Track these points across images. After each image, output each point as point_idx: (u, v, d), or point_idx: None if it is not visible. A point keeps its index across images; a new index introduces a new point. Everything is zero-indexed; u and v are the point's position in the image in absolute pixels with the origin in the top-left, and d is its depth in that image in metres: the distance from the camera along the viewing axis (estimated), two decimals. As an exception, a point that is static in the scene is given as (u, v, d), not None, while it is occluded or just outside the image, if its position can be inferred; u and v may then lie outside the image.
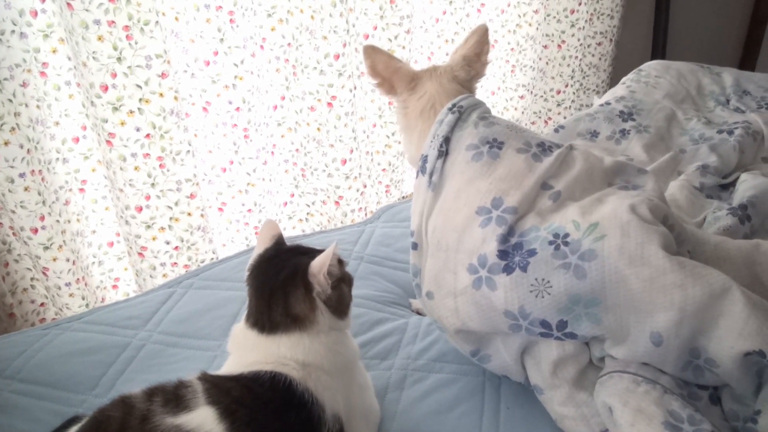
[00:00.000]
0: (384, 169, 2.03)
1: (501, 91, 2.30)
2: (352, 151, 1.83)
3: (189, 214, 1.59)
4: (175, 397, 0.70)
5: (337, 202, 1.89)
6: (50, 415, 0.86)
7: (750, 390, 0.70)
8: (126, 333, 1.02)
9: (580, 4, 2.25)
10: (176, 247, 1.62)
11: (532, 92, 2.33)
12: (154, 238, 1.59)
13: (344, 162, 1.83)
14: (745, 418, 0.71)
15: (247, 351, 0.78)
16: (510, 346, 0.83)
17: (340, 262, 0.84)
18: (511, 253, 0.78)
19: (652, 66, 1.79)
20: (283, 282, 0.78)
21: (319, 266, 0.76)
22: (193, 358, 0.96)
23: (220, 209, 1.79)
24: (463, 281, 0.81)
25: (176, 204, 1.57)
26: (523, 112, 2.34)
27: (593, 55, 2.42)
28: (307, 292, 0.77)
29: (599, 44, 2.41)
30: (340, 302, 0.80)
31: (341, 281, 0.82)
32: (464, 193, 0.84)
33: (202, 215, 1.62)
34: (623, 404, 0.70)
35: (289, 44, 1.67)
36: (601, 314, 0.74)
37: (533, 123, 2.46)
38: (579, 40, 2.32)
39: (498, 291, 0.77)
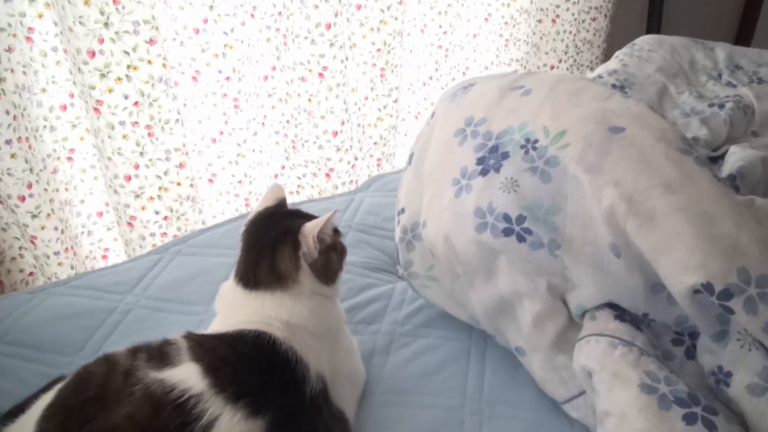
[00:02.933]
0: (375, 143, 2.02)
1: (494, 66, 2.28)
2: (343, 123, 1.81)
3: (178, 183, 1.58)
4: (159, 353, 0.70)
5: (328, 175, 1.88)
6: (36, 376, 0.86)
7: (711, 333, 0.70)
8: (113, 298, 1.02)
9: (575, -22, 2.23)
10: (166, 217, 1.61)
11: (525, 67, 2.31)
12: (143, 208, 1.58)
13: (335, 134, 1.82)
14: (717, 379, 0.71)
15: (233, 309, 0.78)
16: (481, 294, 0.84)
17: (336, 232, 0.85)
18: (488, 157, 0.85)
19: (645, 40, 1.78)
20: (273, 239, 0.79)
21: (311, 228, 0.77)
22: (179, 323, 0.96)
23: (210, 180, 1.79)
24: (448, 196, 0.86)
25: (165, 173, 1.56)
26: (516, 88, 2.33)
27: (587, 31, 2.40)
28: (294, 251, 0.77)
29: (594, 19, 2.39)
30: (326, 268, 0.80)
31: (332, 249, 0.82)
32: (444, 128, 0.93)
33: (191, 185, 1.61)
34: (601, 369, 0.71)
35: (279, 13, 1.64)
36: (556, 220, 0.77)
37: (526, 99, 2.45)
38: (573, 14, 2.30)
39: (472, 193, 0.84)
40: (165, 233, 1.63)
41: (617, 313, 0.76)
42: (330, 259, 0.81)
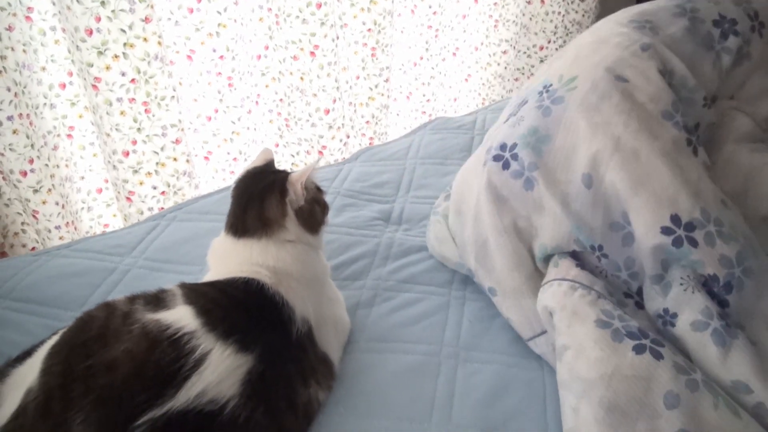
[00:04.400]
0: (368, 121, 2.07)
1: (484, 47, 2.33)
2: (335, 101, 1.86)
3: (175, 159, 1.63)
4: (155, 299, 0.75)
5: (320, 152, 1.93)
6: (41, 328, 0.92)
7: (652, 275, 0.78)
8: (112, 259, 1.07)
9: (563, -41, 2.26)
10: (163, 192, 1.66)
11: (515, 48, 2.36)
12: (141, 183, 1.63)
13: (327, 112, 1.87)
14: (664, 321, 0.78)
15: (224, 260, 0.84)
16: (469, 232, 0.93)
17: (319, 190, 0.93)
18: (516, 111, 0.93)
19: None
20: (262, 189, 0.86)
21: (297, 176, 0.84)
22: (175, 281, 1.01)
23: (206, 158, 1.84)
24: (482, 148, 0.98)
25: (162, 149, 1.61)
26: (506, 68, 2.37)
27: (576, 12, 2.44)
28: (281, 198, 0.84)
29: (582, 0, 2.43)
30: (310, 216, 0.87)
31: (315, 202, 0.89)
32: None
33: (187, 161, 1.66)
34: (561, 308, 0.77)
35: (272, -7, 1.69)
36: (543, 148, 0.85)
37: (516, 79, 2.49)
38: (562, -5, 2.34)
39: (495, 137, 0.93)
40: (162, 208, 1.68)
41: (578, 262, 0.83)
42: (314, 209, 0.88)
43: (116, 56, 1.46)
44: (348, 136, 1.98)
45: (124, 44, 1.46)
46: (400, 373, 0.83)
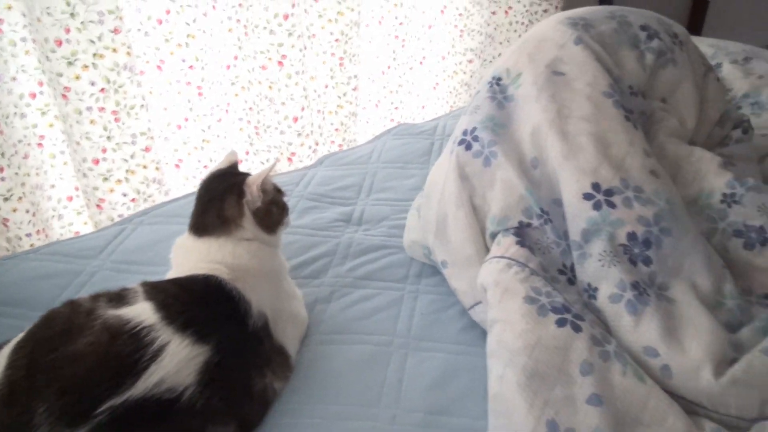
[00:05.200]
0: (337, 129, 2.12)
1: (450, 56, 2.39)
2: (303, 109, 1.91)
3: (144, 167, 1.67)
4: (117, 296, 0.79)
5: (290, 159, 1.98)
6: (9, 329, 0.94)
7: (577, 238, 0.87)
8: (80, 262, 1.11)
9: (525, -29, 2.35)
10: (133, 199, 1.70)
11: (480, 57, 2.43)
12: (111, 190, 1.66)
13: (296, 119, 1.92)
14: (588, 294, 0.85)
15: (185, 258, 0.89)
16: (432, 212, 1.02)
17: (279, 191, 0.98)
18: (473, 102, 1.06)
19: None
20: (222, 190, 0.91)
21: (254, 178, 0.90)
22: (142, 282, 1.06)
23: (177, 165, 1.87)
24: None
25: (132, 157, 1.64)
26: (471, 76, 2.44)
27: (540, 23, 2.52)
28: (239, 199, 0.89)
29: (545, 11, 2.51)
30: (267, 217, 0.91)
31: (273, 204, 0.94)
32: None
33: (157, 168, 1.70)
34: (495, 284, 0.84)
35: (240, 4, 1.74)
36: (500, 131, 0.98)
37: (483, 87, 2.57)
38: (525, 6, 2.42)
39: (459, 127, 1.04)
40: (133, 214, 1.71)
41: (519, 239, 0.90)
42: (271, 210, 0.93)
43: (86, 66, 1.50)
44: (317, 143, 2.03)
45: (94, 55, 1.50)
46: (353, 362, 0.88)
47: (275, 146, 1.96)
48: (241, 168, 1.04)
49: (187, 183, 1.90)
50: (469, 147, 1.00)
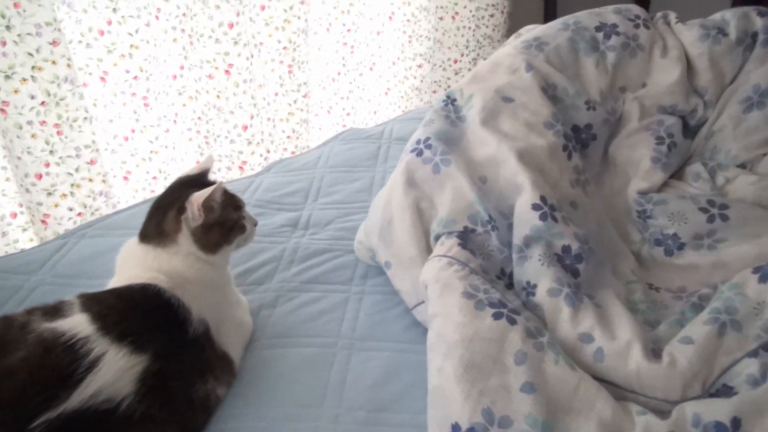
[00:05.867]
0: (288, 136, 2.13)
1: (400, 61, 2.43)
2: (252, 117, 1.91)
3: (90, 180, 1.64)
4: (53, 309, 0.78)
5: (241, 168, 1.97)
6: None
7: (517, 246, 0.93)
8: (19, 278, 1.09)
9: (469, -23, 2.40)
10: (80, 214, 1.67)
11: (430, 62, 2.47)
12: (56, 205, 1.63)
13: (245, 128, 1.92)
14: (527, 292, 0.89)
15: (127, 263, 0.88)
16: (376, 216, 1.05)
17: (236, 209, 0.94)
18: (427, 115, 1.13)
19: (529, 30, 1.95)
20: (169, 201, 0.89)
21: (197, 197, 0.86)
22: (84, 295, 1.04)
23: (126, 178, 1.85)
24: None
25: (77, 170, 1.62)
26: (422, 81, 2.48)
27: (487, 26, 2.58)
28: (178, 215, 0.87)
29: (492, 16, 2.57)
30: (205, 238, 0.88)
31: (220, 224, 0.90)
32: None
33: (103, 181, 1.67)
34: (435, 281, 0.86)
35: (184, 14, 1.73)
36: (453, 145, 1.05)
37: (434, 92, 2.61)
38: (471, 11, 2.47)
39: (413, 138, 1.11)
40: (80, 229, 1.68)
41: (461, 242, 0.92)
42: (212, 231, 0.89)
43: (24, 80, 1.47)
44: (268, 151, 2.03)
45: (32, 67, 1.47)
46: (297, 365, 0.89)
47: (226, 155, 1.96)
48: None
49: (136, 195, 1.88)
50: (420, 154, 1.05)
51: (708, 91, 1.16)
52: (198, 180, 0.96)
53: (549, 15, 2.87)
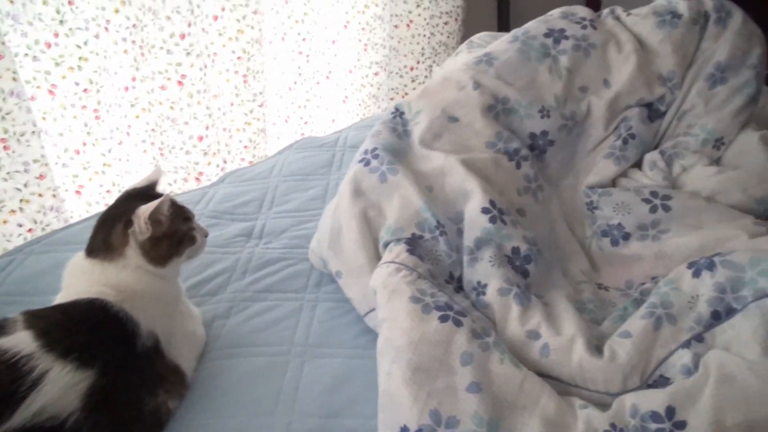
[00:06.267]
0: (246, 146, 2.12)
1: (357, 69, 2.44)
2: (207, 128, 1.90)
3: (40, 195, 1.61)
4: (-5, 328, 0.77)
5: (197, 179, 1.96)
6: None
7: (468, 248, 0.96)
8: (-37, 298, 1.06)
9: (422, -15, 2.43)
10: (30, 230, 1.63)
11: (386, 69, 2.49)
12: (4, 222, 1.59)
13: (201, 139, 1.90)
14: (478, 291, 0.92)
15: (74, 278, 0.86)
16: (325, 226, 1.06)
17: (186, 220, 0.93)
18: (375, 126, 1.16)
19: (481, 37, 2.00)
20: (116, 214, 0.88)
21: (143, 210, 0.85)
22: (32, 313, 1.02)
23: (78, 192, 1.81)
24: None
25: (25, 185, 1.58)
26: (379, 89, 2.50)
27: (441, 34, 2.61)
28: (125, 228, 0.86)
29: (446, 23, 2.61)
30: (154, 251, 0.87)
31: (169, 236, 0.89)
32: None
33: (54, 195, 1.64)
34: (384, 287, 0.87)
35: (134, 25, 1.71)
36: (400, 156, 1.08)
37: (392, 99, 2.63)
38: (426, 19, 2.50)
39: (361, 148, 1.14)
40: (31, 245, 1.64)
41: (410, 248, 0.94)
42: (161, 243, 0.88)
43: (-33, 94, 1.44)
44: (225, 162, 2.02)
45: (-24, 82, 1.44)
46: (250, 374, 0.89)
47: (181, 167, 1.94)
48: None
49: (90, 209, 1.84)
50: (367, 164, 1.07)
51: (676, 75, 1.17)
52: (146, 192, 0.95)
53: (502, 22, 2.94)
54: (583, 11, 1.26)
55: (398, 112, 1.15)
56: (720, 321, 0.79)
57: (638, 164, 1.18)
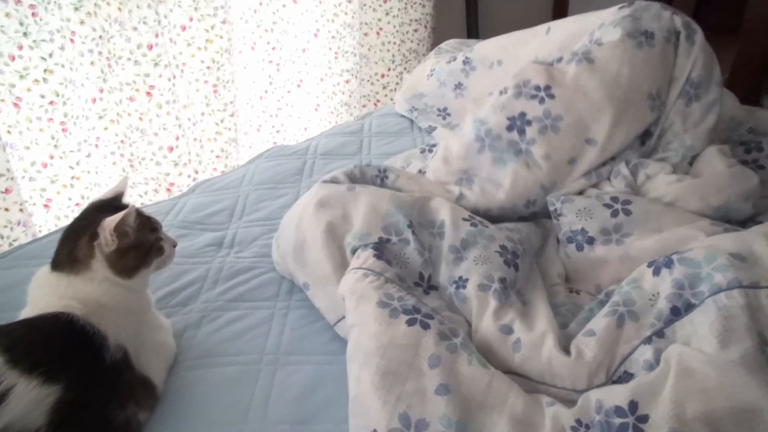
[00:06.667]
0: (218, 156, 2.11)
1: (328, 77, 2.45)
2: (178, 138, 1.89)
3: (6, 209, 1.58)
4: (-42, 347, 0.76)
5: (168, 189, 1.95)
6: None
7: (456, 244, 1.00)
8: (-74, 316, 1.04)
9: (391, -7, 2.46)
10: (-4, 245, 1.60)
11: (357, 77, 2.51)
12: (-30, 237, 1.56)
13: (171, 149, 1.89)
14: (458, 285, 0.95)
15: (39, 291, 0.85)
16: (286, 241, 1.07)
17: (153, 231, 0.93)
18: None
19: (449, 44, 2.03)
20: (80, 227, 0.88)
21: (109, 222, 0.85)
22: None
23: (46, 206, 1.79)
24: None
25: (-9, 200, 1.56)
26: (351, 96, 2.51)
27: (412, 41, 2.64)
28: (90, 241, 0.86)
29: (416, 31, 2.64)
30: (121, 262, 0.87)
31: (135, 247, 0.89)
32: None
33: (21, 210, 1.61)
34: (351, 293, 0.88)
35: (100, 36, 1.70)
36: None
37: (364, 106, 2.65)
38: (395, 27, 2.53)
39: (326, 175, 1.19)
40: (-2, 261, 1.62)
41: (377, 253, 0.95)
42: (128, 255, 0.88)
43: (-72, 108, 1.41)
44: (197, 172, 2.01)
45: (-63, 96, 1.41)
46: (222, 384, 0.89)
47: (152, 178, 1.92)
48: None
49: (59, 222, 1.82)
50: (335, 181, 1.12)
51: (662, 92, 1.18)
52: (112, 204, 0.95)
53: (471, 29, 2.97)
54: (536, 78, 1.18)
55: (382, 173, 1.19)
56: (679, 316, 0.81)
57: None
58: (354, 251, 0.98)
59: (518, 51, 1.51)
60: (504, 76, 1.48)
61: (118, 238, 0.86)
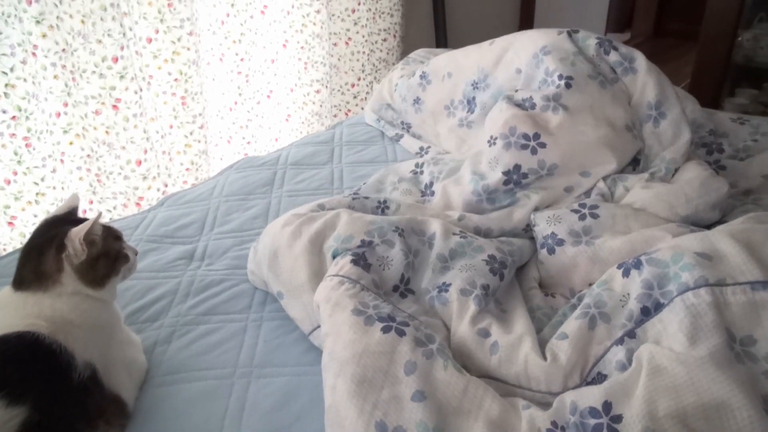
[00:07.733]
0: (188, 169, 2.09)
1: (298, 88, 2.45)
2: (146, 151, 1.86)
3: (-32, 227, 1.54)
4: None
5: (138, 204, 1.91)
6: None
7: (445, 253, 1.02)
8: None
9: (359, 3, 2.47)
10: (-42, 264, 1.55)
11: (327, 87, 2.51)
12: (-70, 257, 1.51)
13: (139, 163, 1.86)
14: (440, 289, 0.95)
15: (2, 314, 0.83)
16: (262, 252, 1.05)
17: (117, 239, 0.92)
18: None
19: (418, 53, 2.04)
20: (43, 241, 0.85)
21: (77, 230, 0.84)
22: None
23: (11, 224, 1.74)
24: None
25: (-49, 218, 1.51)
26: (321, 106, 2.51)
27: (381, 51, 2.66)
28: (57, 254, 0.84)
29: (384, 40, 2.66)
30: (91, 272, 0.86)
31: (103, 255, 0.88)
32: None
33: (-17, 228, 1.57)
34: (326, 301, 0.87)
35: (63, 50, 1.67)
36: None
37: (335, 116, 2.65)
38: (364, 37, 2.54)
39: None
40: (-40, 281, 1.57)
41: (354, 259, 0.95)
42: (98, 263, 0.87)
43: None
44: (166, 185, 1.98)
45: None
46: (194, 399, 0.87)
47: (121, 192, 1.89)
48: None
49: (24, 240, 1.77)
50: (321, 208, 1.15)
51: (636, 122, 1.25)
52: (67, 219, 0.92)
53: (440, 38, 3.00)
54: (521, 124, 1.20)
55: (383, 205, 1.18)
56: (649, 316, 0.82)
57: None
58: (335, 256, 0.97)
59: (463, 62, 1.58)
60: (453, 88, 1.58)
61: (87, 247, 0.85)
